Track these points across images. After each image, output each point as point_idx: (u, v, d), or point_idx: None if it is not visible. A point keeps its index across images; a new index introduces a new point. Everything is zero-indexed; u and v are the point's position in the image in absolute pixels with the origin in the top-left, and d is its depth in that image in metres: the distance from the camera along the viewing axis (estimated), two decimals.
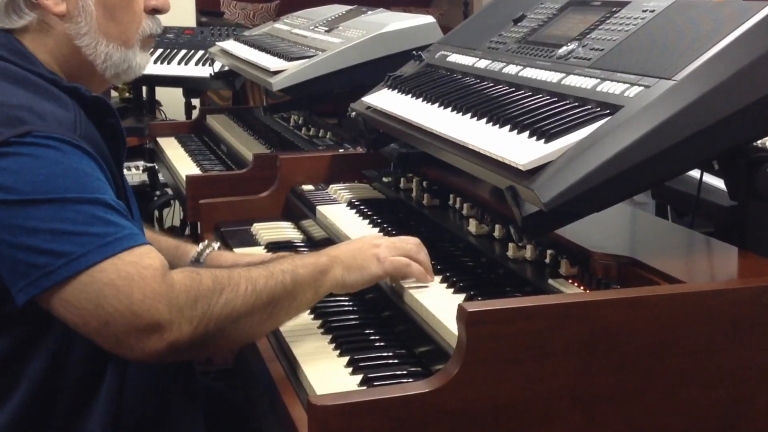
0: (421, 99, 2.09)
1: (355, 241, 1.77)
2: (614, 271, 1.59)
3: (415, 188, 2.34)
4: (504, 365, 1.33)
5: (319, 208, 2.36)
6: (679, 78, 1.52)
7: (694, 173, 1.92)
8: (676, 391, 1.40)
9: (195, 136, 3.83)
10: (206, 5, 5.68)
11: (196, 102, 5.03)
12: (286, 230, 2.51)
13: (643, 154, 1.48)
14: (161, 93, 5.15)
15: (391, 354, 1.64)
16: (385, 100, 2.24)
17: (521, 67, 1.95)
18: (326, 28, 3.24)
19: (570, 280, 1.65)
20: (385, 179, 2.51)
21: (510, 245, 1.80)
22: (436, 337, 1.56)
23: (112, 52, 1.74)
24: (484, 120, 1.77)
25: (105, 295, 1.45)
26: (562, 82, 1.77)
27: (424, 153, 2.03)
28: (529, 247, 1.78)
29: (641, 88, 1.56)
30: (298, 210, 2.53)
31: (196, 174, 3.03)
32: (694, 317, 1.39)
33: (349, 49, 2.83)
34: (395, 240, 1.77)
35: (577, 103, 1.67)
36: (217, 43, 3.85)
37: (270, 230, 2.49)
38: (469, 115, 1.83)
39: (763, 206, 1.67)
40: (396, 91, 2.26)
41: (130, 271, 1.47)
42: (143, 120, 4.69)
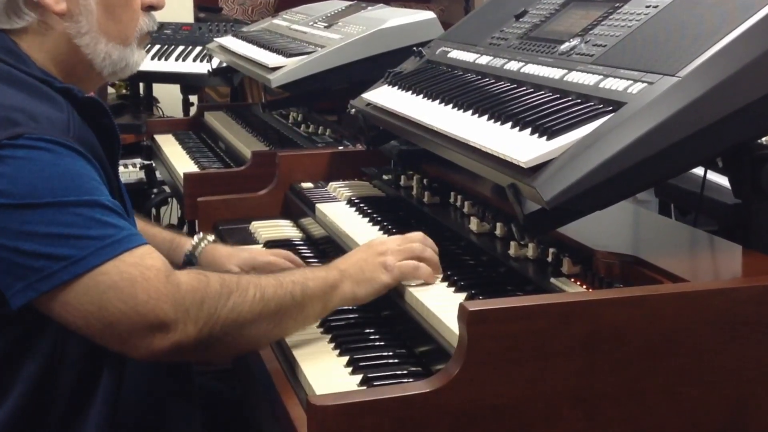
0: (422, 96, 2.09)
1: (361, 251, 1.77)
2: (617, 270, 1.59)
3: (416, 186, 2.34)
4: (505, 365, 1.33)
5: (319, 206, 2.36)
6: (683, 74, 1.52)
7: (698, 171, 1.92)
8: (679, 391, 1.40)
9: (193, 133, 3.83)
10: (204, 1, 5.67)
11: (193, 99, 5.02)
12: (285, 229, 2.51)
13: (647, 151, 1.48)
14: (159, 90, 5.15)
15: (391, 353, 1.64)
16: (385, 97, 2.24)
17: (523, 64, 1.95)
18: (325, 24, 3.24)
19: (572, 279, 1.65)
20: (385, 177, 2.51)
21: (512, 243, 1.81)
22: (437, 336, 1.56)
23: (111, 51, 1.73)
24: (486, 117, 1.77)
25: (108, 298, 1.46)
26: (565, 79, 1.77)
27: (425, 150, 2.03)
28: (531, 245, 1.78)
29: (644, 85, 1.56)
30: (297, 208, 2.53)
31: (193, 171, 3.03)
32: (698, 316, 1.39)
33: (348, 45, 2.83)
34: (400, 241, 1.77)
35: (579, 100, 1.67)
36: (215, 39, 3.85)
37: (269, 229, 2.49)
38: (471, 111, 1.83)
39: None
40: (396, 87, 2.26)
41: (132, 272, 1.47)
42: (140, 117, 4.69)
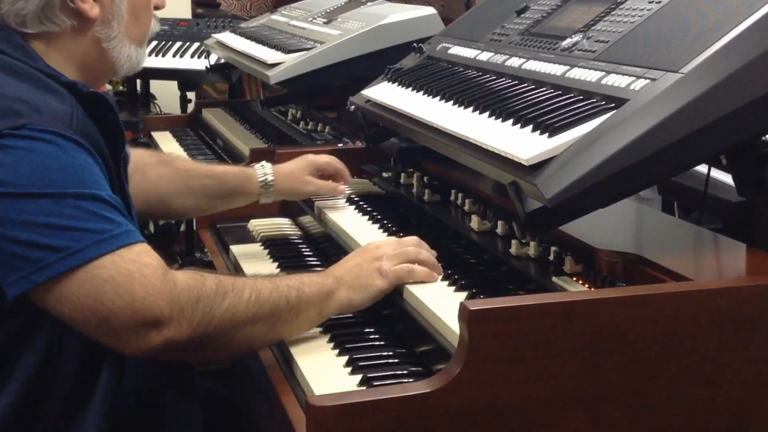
0: (422, 92, 2.09)
1: (356, 256, 1.77)
2: (620, 269, 1.59)
3: (416, 184, 2.34)
4: (507, 365, 1.33)
5: (318, 204, 2.36)
6: (686, 71, 1.52)
7: (702, 168, 1.92)
8: (683, 391, 1.40)
9: (190, 130, 3.83)
10: None
11: (191, 95, 5.02)
12: (283, 227, 2.51)
13: (649, 148, 1.48)
14: (156, 86, 5.14)
15: (391, 353, 1.65)
16: (385, 94, 2.24)
17: (524, 60, 1.95)
18: (325, 20, 3.24)
19: (574, 278, 1.65)
20: (385, 174, 2.51)
21: (513, 242, 1.81)
22: (438, 335, 1.56)
23: (132, 53, 1.79)
24: (487, 114, 1.77)
25: (105, 292, 1.46)
26: (566, 75, 1.77)
27: (425, 147, 2.03)
28: (532, 244, 1.78)
29: (647, 81, 1.56)
30: (296, 206, 2.53)
31: None
32: (702, 316, 1.39)
33: (348, 41, 2.83)
34: (395, 246, 1.77)
35: (581, 97, 1.67)
36: (213, 35, 3.85)
37: (267, 227, 2.49)
38: (471, 108, 1.83)
39: None
40: (396, 84, 2.26)
41: (130, 268, 1.48)
42: (137, 114, 4.68)
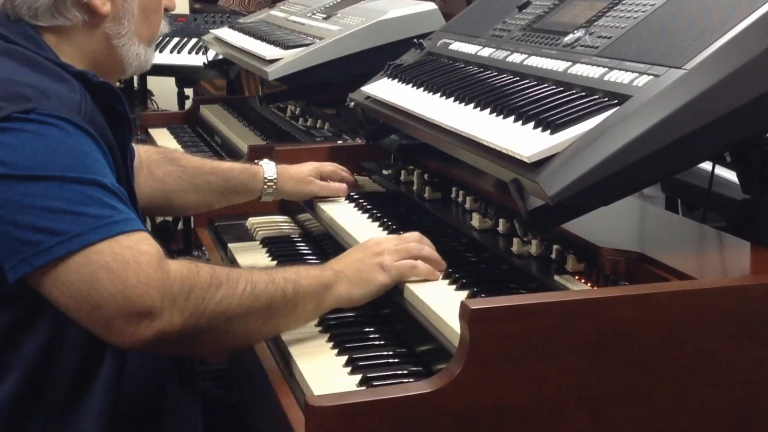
0: (423, 89, 2.09)
1: (357, 251, 1.77)
2: (623, 267, 1.59)
3: (416, 181, 2.34)
4: (508, 365, 1.33)
5: (317, 201, 2.36)
6: (690, 67, 1.52)
7: (706, 166, 1.92)
8: (686, 391, 1.40)
9: (188, 127, 3.83)
10: None
11: (189, 92, 5.02)
12: (282, 225, 2.51)
13: (653, 145, 1.48)
14: (153, 82, 5.14)
15: (391, 353, 1.65)
16: (385, 90, 2.24)
17: (526, 56, 1.95)
18: (324, 15, 3.24)
19: (577, 277, 1.65)
20: (385, 172, 2.51)
21: (514, 240, 1.81)
22: (438, 335, 1.56)
23: (141, 52, 1.81)
24: (488, 110, 1.77)
25: (99, 278, 1.47)
26: (569, 71, 1.77)
27: (426, 145, 2.03)
28: (534, 242, 1.78)
29: (650, 78, 1.56)
30: (295, 204, 2.52)
31: None
32: (705, 315, 1.39)
33: (347, 37, 2.82)
34: (397, 241, 1.77)
35: (584, 93, 1.67)
36: (211, 31, 3.85)
37: (266, 225, 2.49)
38: (472, 105, 1.83)
39: None
40: (396, 80, 2.26)
41: (126, 255, 1.48)
42: (134, 110, 4.67)
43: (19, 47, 1.65)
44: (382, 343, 1.69)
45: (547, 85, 1.78)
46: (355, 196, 2.36)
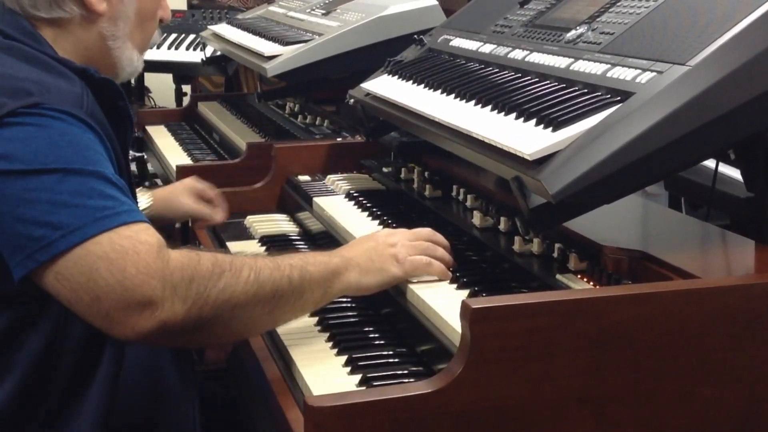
0: (423, 85, 2.09)
1: (368, 240, 1.76)
2: (625, 266, 1.59)
3: (417, 179, 2.34)
4: (510, 364, 1.33)
5: (316, 199, 2.36)
6: (694, 63, 1.52)
7: (709, 163, 1.92)
8: (690, 391, 1.40)
9: (186, 124, 3.83)
10: None
11: (186, 88, 5.02)
12: (281, 223, 2.51)
13: (656, 143, 1.48)
14: (150, 79, 5.14)
15: (391, 353, 1.65)
16: (385, 87, 2.24)
17: (528, 52, 1.95)
18: (323, 11, 3.24)
19: (579, 276, 1.65)
20: (385, 169, 2.51)
21: (516, 239, 1.81)
22: (439, 335, 1.56)
23: (133, 57, 1.83)
24: (489, 107, 1.77)
25: (98, 269, 1.46)
26: (571, 68, 1.77)
27: (426, 142, 2.03)
28: (536, 240, 1.78)
29: (653, 74, 1.56)
30: (294, 202, 2.53)
31: (186, 164, 3.03)
32: (709, 314, 1.39)
33: (347, 33, 2.82)
34: (411, 236, 1.77)
35: (586, 90, 1.67)
36: (209, 27, 3.85)
37: (264, 223, 2.49)
38: (473, 102, 1.83)
39: None
40: (396, 77, 2.26)
41: (125, 245, 1.48)
42: (132, 107, 4.68)
43: (18, 43, 1.66)
44: (382, 342, 1.69)
45: (549, 82, 1.78)
46: (355, 194, 2.36)
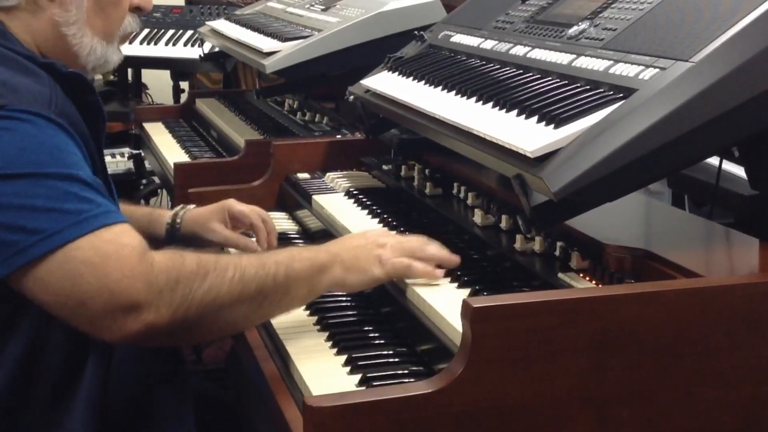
0: (424, 82, 2.09)
1: (360, 237, 1.77)
2: (628, 265, 1.59)
3: (417, 176, 2.34)
4: (511, 364, 1.33)
5: (315, 197, 2.36)
6: (697, 59, 1.51)
7: (713, 161, 1.92)
8: (694, 391, 1.40)
9: (183, 121, 3.83)
10: None
11: (184, 85, 5.02)
12: (279, 221, 2.50)
13: (659, 140, 1.48)
14: (148, 75, 5.14)
15: (391, 352, 1.64)
16: (385, 83, 2.24)
17: (529, 48, 1.95)
18: (322, 7, 3.23)
19: (581, 274, 1.65)
20: (385, 167, 2.51)
21: (517, 237, 1.80)
22: (439, 334, 1.56)
23: (96, 46, 1.79)
24: (490, 104, 1.77)
25: (81, 273, 1.47)
26: (573, 64, 1.77)
27: (427, 139, 2.03)
28: (537, 239, 1.78)
29: (657, 71, 1.56)
30: (293, 200, 2.53)
31: (184, 161, 3.03)
32: (713, 313, 1.39)
33: (346, 29, 2.82)
34: (402, 239, 1.77)
35: (588, 86, 1.67)
36: (207, 23, 3.84)
37: None
38: (474, 98, 1.83)
39: None
40: (397, 73, 2.26)
41: (107, 249, 1.48)
42: (128, 104, 4.69)
43: None
44: (382, 342, 1.69)
45: (550, 79, 1.78)
46: (355, 192, 2.36)
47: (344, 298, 1.87)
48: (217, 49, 3.80)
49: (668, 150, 1.49)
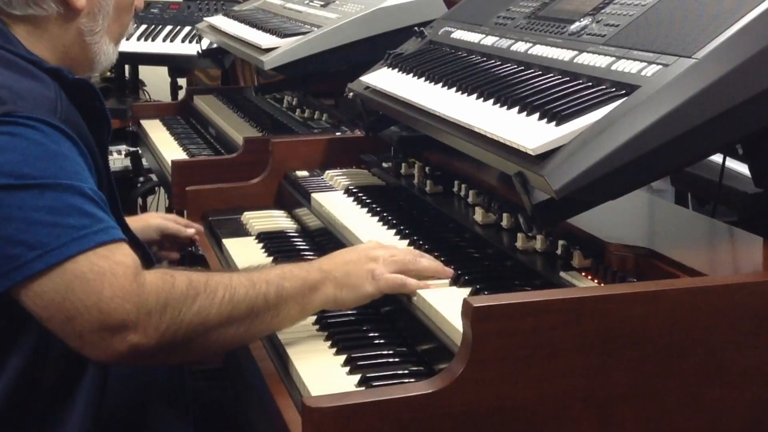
0: (424, 78, 2.09)
1: (352, 252, 1.76)
2: (631, 264, 1.59)
3: (417, 174, 2.34)
4: (512, 364, 1.33)
5: (314, 195, 2.36)
6: (701, 56, 1.51)
7: (717, 158, 1.92)
8: (697, 391, 1.40)
9: (181, 118, 3.83)
10: None
11: (182, 82, 5.02)
12: (278, 219, 2.50)
13: (662, 137, 1.48)
14: (145, 72, 5.14)
15: (391, 352, 1.64)
16: (385, 80, 2.24)
17: (531, 45, 1.95)
18: (322, 3, 3.23)
19: (583, 273, 1.65)
20: (385, 165, 2.51)
21: (519, 235, 1.80)
22: (440, 334, 1.56)
23: (110, 51, 1.82)
24: (491, 101, 1.77)
25: (73, 289, 1.47)
26: (575, 61, 1.77)
27: (427, 137, 2.03)
28: (539, 237, 1.78)
29: (659, 67, 1.56)
30: (292, 198, 2.52)
31: (182, 159, 3.03)
32: (716, 312, 1.39)
33: (346, 25, 2.82)
34: (394, 252, 1.76)
35: (590, 83, 1.67)
36: (205, 19, 3.85)
37: (261, 219, 2.49)
38: (475, 95, 1.83)
39: None
40: (396, 69, 2.26)
41: (102, 266, 1.48)
42: (126, 101, 4.69)
43: None
44: (382, 342, 1.69)
45: (552, 75, 1.78)
46: (354, 190, 2.36)
47: None
48: (215, 46, 3.80)
49: (671, 147, 1.49)
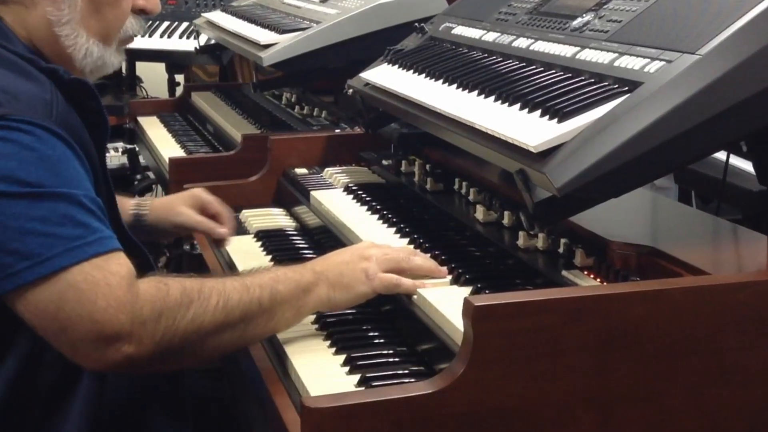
0: (424, 75, 2.09)
1: (344, 253, 1.76)
2: (633, 262, 1.59)
3: (418, 172, 2.34)
4: (514, 364, 1.33)
5: (314, 193, 2.36)
6: (704, 52, 1.51)
7: (720, 156, 1.92)
8: (700, 391, 1.40)
9: (179, 115, 3.83)
10: None
11: (180, 78, 5.02)
12: (277, 217, 2.51)
13: (665, 134, 1.48)
14: (142, 68, 5.14)
15: (391, 352, 1.64)
16: (385, 76, 2.24)
17: (532, 41, 1.95)
18: None
19: (585, 272, 1.65)
20: (385, 162, 2.51)
21: (520, 234, 1.80)
22: (440, 333, 1.56)
23: (92, 48, 1.76)
24: (492, 98, 1.77)
25: (67, 299, 1.46)
26: (577, 57, 1.77)
27: (427, 134, 2.03)
28: (541, 235, 1.78)
29: (662, 63, 1.56)
30: (291, 196, 2.52)
31: (179, 156, 3.04)
32: (720, 312, 1.39)
33: (346, 21, 2.82)
34: (388, 250, 1.76)
35: (593, 80, 1.67)
36: (203, 15, 3.85)
37: (260, 217, 2.49)
38: (476, 92, 1.83)
39: None
40: (397, 66, 2.26)
41: (96, 276, 1.48)
42: (123, 98, 4.69)
43: None
44: (382, 341, 1.69)
45: (554, 72, 1.78)
46: (354, 188, 2.35)
47: None
48: (213, 42, 3.81)
49: (674, 145, 1.49)
